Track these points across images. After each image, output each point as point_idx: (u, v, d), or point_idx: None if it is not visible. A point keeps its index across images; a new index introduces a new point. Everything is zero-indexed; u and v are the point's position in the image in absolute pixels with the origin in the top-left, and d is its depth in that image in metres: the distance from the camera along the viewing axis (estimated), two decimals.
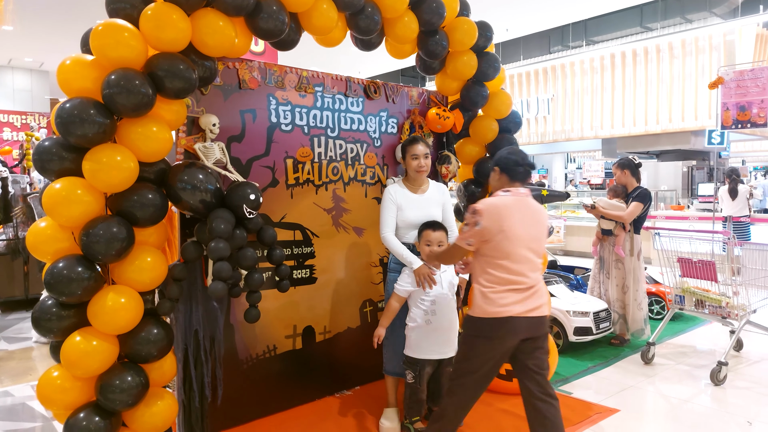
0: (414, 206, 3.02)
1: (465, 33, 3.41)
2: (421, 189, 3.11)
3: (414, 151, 3.04)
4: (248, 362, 3.07)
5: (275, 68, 3.12)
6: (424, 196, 3.09)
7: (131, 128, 2.22)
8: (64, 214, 2.12)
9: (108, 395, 2.18)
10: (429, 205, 3.07)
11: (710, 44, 8.53)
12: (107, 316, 2.15)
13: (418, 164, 3.03)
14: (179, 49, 2.31)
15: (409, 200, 3.04)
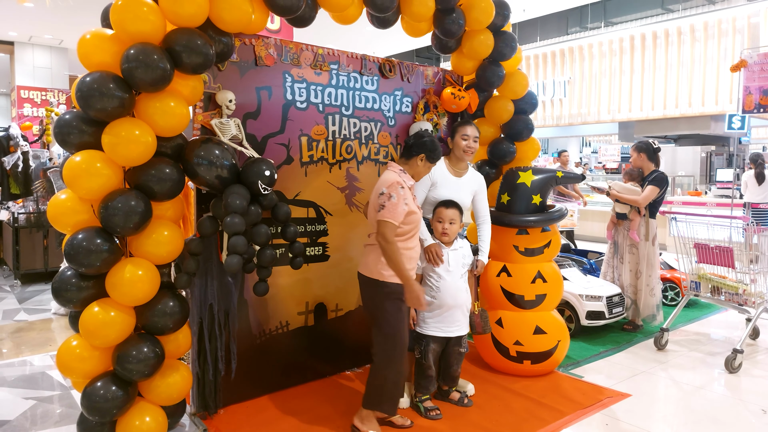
0: (448, 186, 3.11)
1: (482, 11, 3.37)
2: (460, 172, 3.19)
3: (465, 131, 3.13)
4: (261, 337, 3.12)
5: (291, 45, 3.11)
6: (460, 180, 3.17)
7: (149, 103, 2.24)
8: (84, 186, 2.16)
9: (125, 365, 2.23)
10: (462, 189, 3.16)
11: (734, 27, 8.33)
12: (125, 287, 2.19)
13: (467, 144, 3.12)
14: (197, 25, 2.32)
15: (446, 179, 3.12)
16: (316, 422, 2.84)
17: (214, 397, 2.90)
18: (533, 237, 3.47)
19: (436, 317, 2.91)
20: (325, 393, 3.19)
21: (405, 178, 2.68)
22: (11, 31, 11.63)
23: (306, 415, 2.92)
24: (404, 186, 2.61)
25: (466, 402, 3.06)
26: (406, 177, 2.70)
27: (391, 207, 2.52)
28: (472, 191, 3.22)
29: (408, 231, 2.64)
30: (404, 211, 2.56)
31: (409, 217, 2.60)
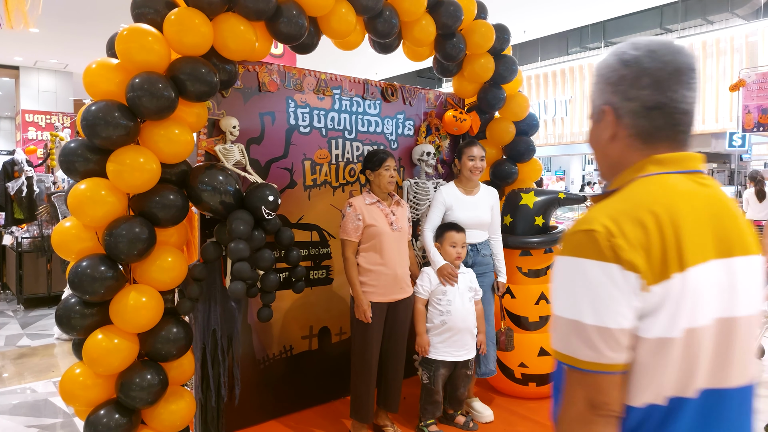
0: (465, 207, 3.11)
1: (482, 36, 3.41)
2: (473, 191, 3.19)
3: (471, 152, 3.15)
4: (265, 362, 3.10)
5: (294, 71, 3.15)
6: (474, 198, 3.18)
7: (154, 130, 2.26)
8: (89, 214, 2.17)
9: (128, 393, 2.22)
10: (479, 206, 3.16)
11: (732, 46, 8.41)
12: (128, 314, 2.19)
13: (473, 165, 3.13)
14: (201, 53, 2.35)
15: (461, 201, 3.13)
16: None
17: (217, 424, 2.87)
18: (536, 258, 3.46)
19: (446, 341, 2.89)
20: (330, 418, 3.16)
21: (367, 197, 2.88)
22: (17, 56, 11.80)
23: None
24: (352, 204, 2.84)
25: (472, 426, 3.02)
26: (369, 197, 2.89)
27: (343, 225, 2.85)
28: (490, 206, 3.21)
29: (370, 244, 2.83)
30: (357, 226, 2.80)
31: (369, 230, 2.81)
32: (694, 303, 0.88)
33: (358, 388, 2.85)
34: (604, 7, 10.63)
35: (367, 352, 2.82)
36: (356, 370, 2.87)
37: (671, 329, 0.86)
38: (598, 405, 0.87)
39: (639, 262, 0.85)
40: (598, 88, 1.04)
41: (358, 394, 2.86)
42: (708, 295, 0.90)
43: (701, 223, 0.92)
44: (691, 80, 0.98)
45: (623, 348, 0.86)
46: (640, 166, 0.97)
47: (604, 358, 0.86)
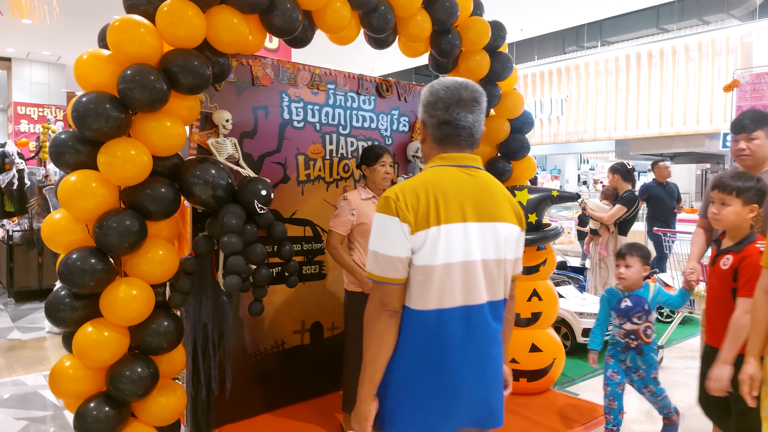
0: None
1: (478, 33, 3.40)
2: None
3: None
4: (256, 356, 3.10)
5: (288, 65, 3.14)
6: None
7: (145, 123, 2.24)
8: (79, 206, 2.15)
9: (118, 385, 2.21)
10: None
11: (727, 46, 8.44)
12: (119, 307, 2.18)
13: None
14: (194, 46, 2.34)
15: None
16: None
17: (208, 417, 2.87)
18: (529, 255, 3.46)
19: None
20: (322, 412, 3.16)
21: (363, 192, 2.88)
22: (9, 48, 11.70)
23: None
24: (347, 198, 2.83)
25: None
26: (365, 192, 2.89)
27: (335, 216, 2.84)
28: None
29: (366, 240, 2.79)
30: (349, 220, 2.80)
31: (362, 227, 2.80)
32: (447, 246, 1.41)
33: (350, 382, 2.86)
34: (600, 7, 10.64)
35: (360, 346, 2.81)
36: (348, 363, 2.87)
37: (431, 260, 1.41)
38: (385, 304, 1.44)
39: (410, 217, 1.41)
40: (419, 109, 1.58)
41: (350, 388, 2.86)
42: (459, 243, 1.43)
43: (460, 198, 1.46)
44: (472, 107, 1.51)
45: (401, 270, 1.42)
46: (433, 161, 1.54)
47: (388, 274, 1.42)
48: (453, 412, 1.47)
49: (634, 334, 2.75)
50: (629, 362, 2.81)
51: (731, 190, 2.13)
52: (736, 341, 2.03)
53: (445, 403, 1.46)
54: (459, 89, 1.50)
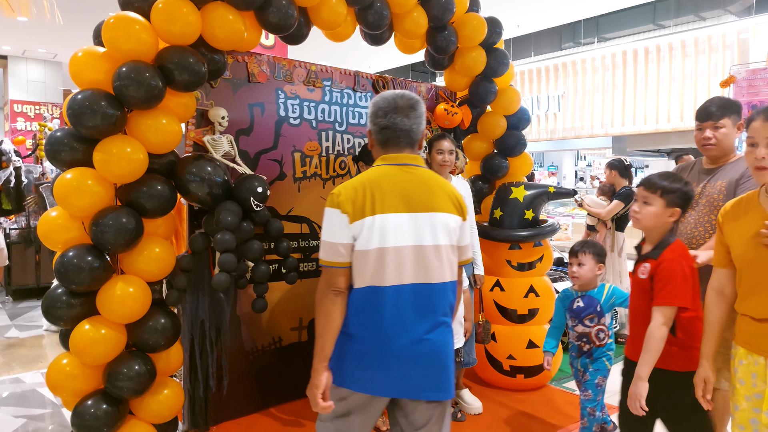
0: None
1: (474, 29, 3.41)
2: None
3: (440, 146, 3.12)
4: (254, 353, 3.10)
5: (284, 62, 3.14)
6: None
7: (141, 120, 2.24)
8: (75, 203, 2.15)
9: (116, 383, 2.21)
10: None
11: (723, 42, 8.44)
12: (116, 305, 2.18)
13: (442, 159, 3.10)
14: (189, 43, 2.34)
15: None
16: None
17: (206, 414, 2.87)
18: (526, 252, 3.48)
19: None
20: None
21: None
22: (5, 45, 11.65)
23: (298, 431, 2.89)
24: None
25: (459, 416, 3.04)
26: None
27: None
28: None
29: None
30: None
31: None
32: (381, 233, 1.63)
33: None
34: (597, 3, 10.64)
35: None
36: None
37: (367, 245, 1.63)
38: (331, 284, 1.66)
39: (348, 209, 1.64)
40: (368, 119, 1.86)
41: None
42: (392, 230, 1.64)
43: (394, 192, 1.68)
44: (408, 113, 1.74)
45: (343, 255, 1.64)
46: (377, 161, 1.78)
47: (332, 259, 1.66)
48: (388, 379, 1.67)
49: (586, 337, 2.59)
50: (580, 366, 2.65)
51: (656, 188, 1.96)
52: (650, 355, 1.87)
53: (380, 369, 1.67)
54: (396, 99, 1.75)
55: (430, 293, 1.69)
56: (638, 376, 1.87)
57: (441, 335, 1.71)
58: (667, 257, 1.91)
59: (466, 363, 3.17)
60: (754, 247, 1.67)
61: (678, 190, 1.95)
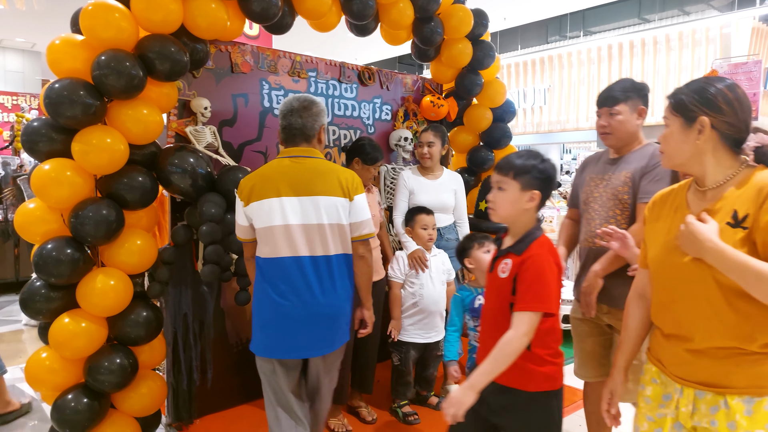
0: (426, 191, 3.12)
1: (460, 20, 3.40)
2: (434, 175, 3.20)
3: (421, 138, 3.15)
4: (238, 347, 3.08)
5: (268, 52, 3.10)
6: (437, 182, 3.18)
7: (121, 110, 2.20)
8: (54, 195, 2.11)
9: (97, 376, 2.19)
10: (442, 190, 3.16)
11: (707, 37, 8.52)
12: (96, 297, 2.15)
13: (421, 151, 3.14)
14: (170, 31, 2.29)
15: (422, 185, 3.13)
16: None
17: (189, 408, 2.85)
18: None
19: (417, 324, 2.91)
20: None
21: None
22: None
23: None
24: None
25: None
26: None
27: None
28: (453, 190, 3.21)
29: None
30: None
31: None
32: (267, 215, 1.98)
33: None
34: None
35: None
36: None
37: (258, 225, 2.02)
38: (246, 256, 2.17)
39: (243, 196, 2.03)
40: None
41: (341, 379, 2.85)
42: (276, 212, 1.98)
43: (279, 180, 2.00)
44: (301, 113, 2.07)
45: (247, 233, 2.07)
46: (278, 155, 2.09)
47: (242, 235, 2.11)
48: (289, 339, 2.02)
49: None
50: None
51: (508, 170, 1.64)
52: (497, 366, 1.52)
53: (282, 331, 2.01)
54: (292, 102, 2.09)
55: (320, 264, 2.01)
56: (471, 385, 1.51)
57: (332, 300, 2.03)
58: (534, 253, 1.59)
59: None
60: (669, 250, 1.40)
61: (533, 168, 1.63)
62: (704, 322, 1.32)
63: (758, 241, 1.24)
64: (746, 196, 1.29)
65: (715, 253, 1.25)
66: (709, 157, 1.35)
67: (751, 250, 1.25)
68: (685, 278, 1.36)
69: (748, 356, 1.28)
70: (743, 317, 1.27)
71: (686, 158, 1.38)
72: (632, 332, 1.59)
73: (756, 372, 1.27)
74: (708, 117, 1.32)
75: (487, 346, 1.63)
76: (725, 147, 1.34)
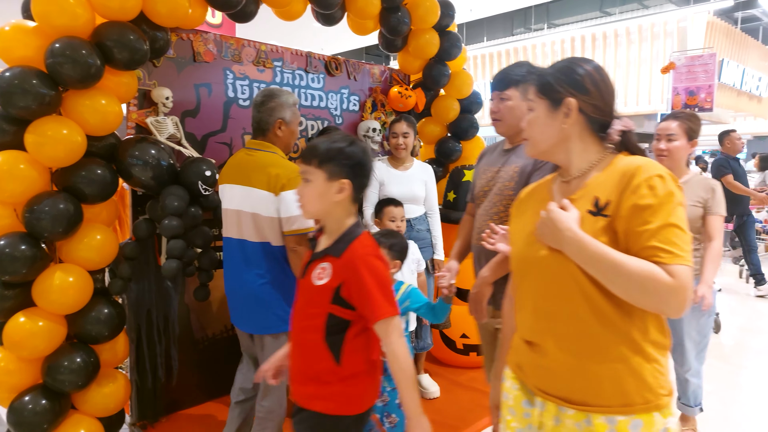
0: (397, 182, 3.11)
1: (427, 10, 3.39)
2: (404, 166, 3.18)
3: (393, 128, 3.16)
4: (204, 342, 3.03)
5: (232, 41, 3.03)
6: (407, 173, 3.16)
7: (78, 100, 2.12)
8: (6, 189, 2.02)
9: (56, 376, 2.11)
10: (412, 181, 3.15)
11: (665, 30, 8.76)
12: (54, 295, 2.07)
13: (396, 142, 3.13)
14: (129, 18, 2.21)
15: (392, 176, 3.12)
16: None
17: (155, 406, 2.79)
18: None
19: None
20: None
21: None
22: None
23: None
24: None
25: None
26: None
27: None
28: (423, 181, 3.21)
29: None
30: None
31: None
32: (222, 198, 2.27)
33: None
34: None
35: None
36: None
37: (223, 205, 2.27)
38: None
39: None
40: None
41: None
42: (227, 197, 2.24)
43: (233, 169, 2.22)
44: (259, 108, 2.22)
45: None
46: None
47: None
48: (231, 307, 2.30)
49: None
50: None
51: (310, 157, 1.41)
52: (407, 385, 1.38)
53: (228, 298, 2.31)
54: (257, 95, 2.27)
55: (246, 248, 2.17)
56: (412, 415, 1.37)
57: (255, 283, 2.16)
58: (360, 253, 1.38)
59: (422, 348, 3.20)
60: (528, 245, 1.27)
61: (339, 154, 1.39)
62: (562, 327, 1.19)
63: (619, 230, 1.13)
64: (608, 182, 1.18)
65: (573, 243, 1.13)
66: (576, 143, 1.25)
67: (612, 240, 1.13)
68: (542, 274, 1.23)
69: (607, 367, 1.14)
70: (605, 322, 1.14)
71: (552, 144, 1.26)
72: (510, 339, 1.41)
73: (619, 388, 1.13)
74: (575, 99, 1.22)
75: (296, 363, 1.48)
76: (591, 132, 1.25)
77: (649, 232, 1.08)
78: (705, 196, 2.50)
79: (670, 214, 1.08)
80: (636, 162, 1.17)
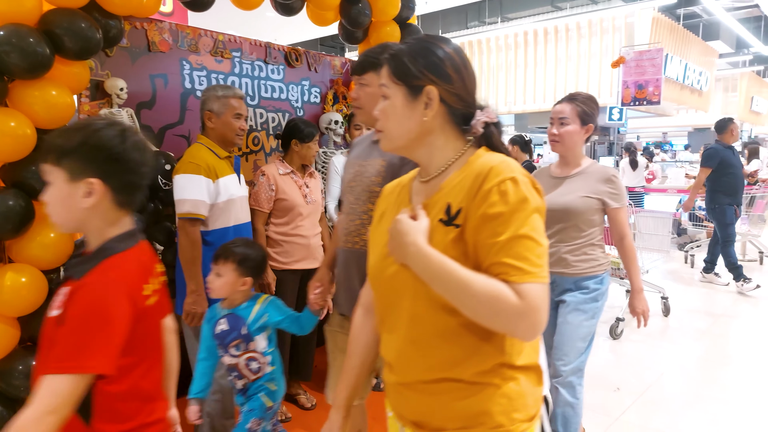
0: None
1: (388, 2, 3.38)
2: None
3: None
4: None
5: (188, 30, 2.94)
6: None
7: (26, 91, 2.01)
8: None
9: (10, 382, 2.02)
10: None
11: (613, 25, 9.06)
12: (5, 297, 1.97)
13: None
14: (80, 5, 2.11)
15: None
16: None
17: None
18: None
19: None
20: None
21: (280, 167, 2.80)
22: None
23: None
24: (265, 173, 2.75)
25: (383, 387, 3.10)
26: (282, 166, 2.82)
27: (254, 194, 2.74)
28: None
29: (284, 219, 2.78)
30: (270, 196, 2.74)
31: (282, 204, 2.75)
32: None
33: None
34: None
35: None
36: None
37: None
38: None
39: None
40: None
41: None
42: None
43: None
44: None
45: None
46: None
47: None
48: None
49: (236, 370, 1.97)
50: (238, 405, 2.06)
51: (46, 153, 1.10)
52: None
53: None
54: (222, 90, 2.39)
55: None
56: None
57: None
58: (92, 280, 1.04)
59: None
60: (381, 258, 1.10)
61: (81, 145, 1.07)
62: (408, 347, 1.05)
63: (469, 242, 0.97)
64: (462, 185, 1.01)
65: (417, 259, 0.97)
66: (438, 138, 1.07)
67: (464, 253, 0.97)
68: (393, 291, 1.07)
69: (460, 389, 1.01)
70: (452, 340, 1.01)
71: (412, 138, 1.07)
72: (357, 358, 1.22)
73: (470, 409, 1.01)
74: (436, 87, 1.03)
75: None
76: (453, 124, 1.07)
77: (498, 245, 0.93)
78: (601, 188, 2.20)
79: (523, 223, 0.93)
80: (490, 162, 1.00)
